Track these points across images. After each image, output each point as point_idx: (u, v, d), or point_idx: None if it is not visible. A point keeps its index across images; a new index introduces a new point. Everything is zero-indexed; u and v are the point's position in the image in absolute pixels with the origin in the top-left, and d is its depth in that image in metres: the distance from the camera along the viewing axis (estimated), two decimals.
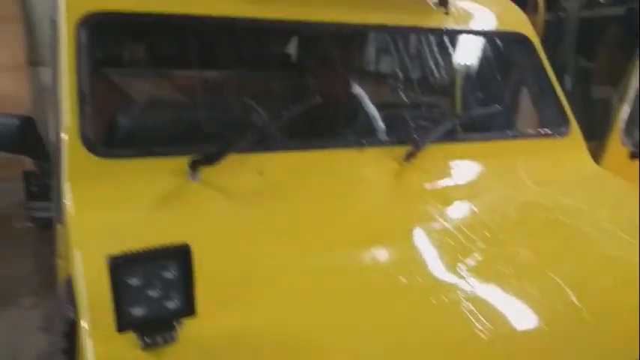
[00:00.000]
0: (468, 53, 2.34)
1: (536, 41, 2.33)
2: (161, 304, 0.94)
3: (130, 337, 0.96)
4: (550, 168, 2.04)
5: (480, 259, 1.37)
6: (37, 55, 7.49)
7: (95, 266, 1.05)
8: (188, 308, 0.96)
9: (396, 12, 2.06)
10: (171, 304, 0.94)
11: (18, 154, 1.98)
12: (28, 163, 2.60)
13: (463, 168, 1.93)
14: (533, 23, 2.57)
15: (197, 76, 1.82)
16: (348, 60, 1.98)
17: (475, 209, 1.69)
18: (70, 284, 1.19)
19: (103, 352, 0.96)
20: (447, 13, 2.17)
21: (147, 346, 0.96)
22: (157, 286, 0.92)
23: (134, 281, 0.90)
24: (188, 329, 0.99)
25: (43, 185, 5.61)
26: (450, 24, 2.18)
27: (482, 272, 1.32)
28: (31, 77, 7.40)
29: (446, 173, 1.89)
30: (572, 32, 4.72)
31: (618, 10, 5.33)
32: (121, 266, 0.89)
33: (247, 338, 1.05)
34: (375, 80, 2.23)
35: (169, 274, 0.93)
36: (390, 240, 1.51)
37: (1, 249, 5.05)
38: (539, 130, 2.21)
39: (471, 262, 1.36)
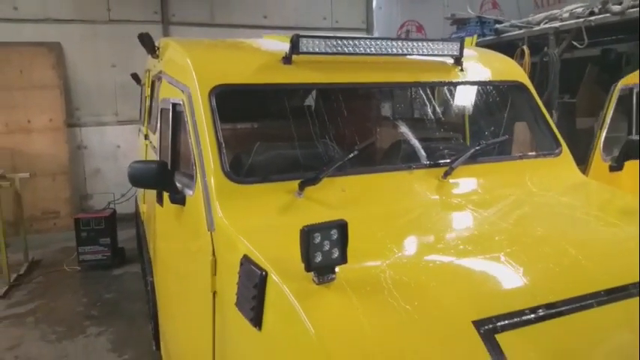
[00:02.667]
0: (479, 98, 3.07)
1: (530, 86, 3.08)
2: (329, 255, 1.59)
3: (306, 277, 1.60)
4: (549, 179, 2.73)
5: (505, 232, 2.04)
6: (72, 117, 8.32)
7: (263, 246, 1.74)
8: (343, 259, 1.61)
9: (427, 71, 2.82)
10: (334, 256, 1.59)
11: (156, 189, 2.67)
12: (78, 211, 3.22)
13: (485, 181, 2.62)
14: (521, 66, 3.29)
15: (293, 126, 2.54)
16: (395, 109, 2.71)
17: (498, 206, 2.36)
18: (247, 258, 1.83)
19: (293, 287, 1.60)
20: (462, 70, 2.92)
21: (320, 283, 1.60)
22: (327, 244, 1.58)
23: (317, 238, 1.56)
24: (341, 272, 1.64)
25: (91, 231, 6.27)
26: (464, 78, 2.93)
27: (511, 241, 1.98)
28: (67, 137, 8.20)
29: (473, 185, 2.58)
30: (556, 73, 5.46)
31: (595, 52, 6.16)
32: (310, 231, 1.55)
33: (371, 279, 1.68)
34: (414, 122, 2.96)
35: (334, 236, 1.59)
36: (439, 227, 2.18)
37: (58, 289, 5.71)
38: (539, 152, 2.92)
39: (502, 236, 2.02)
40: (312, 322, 1.47)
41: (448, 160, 2.59)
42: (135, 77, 6.14)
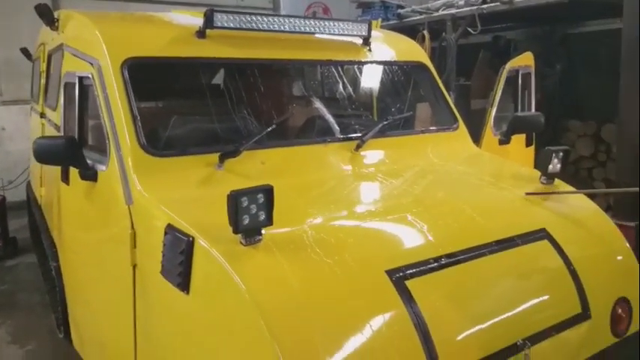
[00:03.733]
0: (385, 77, 3.27)
1: (431, 67, 3.33)
2: (255, 218, 1.67)
3: (232, 241, 1.67)
4: (448, 150, 3.01)
5: (411, 196, 2.25)
6: None
7: (186, 215, 1.80)
8: (269, 221, 1.70)
9: (337, 50, 2.96)
10: (261, 218, 1.68)
11: (65, 165, 2.55)
12: None
13: (392, 152, 2.82)
14: None
15: (210, 100, 2.55)
16: (308, 86, 2.82)
17: (405, 174, 2.58)
18: (171, 227, 1.86)
19: (221, 249, 1.67)
20: (369, 50, 3.09)
21: (247, 244, 1.68)
22: (254, 207, 1.66)
23: (244, 202, 1.63)
24: (266, 235, 1.73)
25: None
26: (372, 57, 3.11)
27: (416, 204, 2.19)
28: None
29: (382, 156, 2.77)
30: (453, 57, 5.89)
31: (487, 38, 6.71)
32: (237, 195, 1.62)
33: (295, 239, 1.79)
34: (326, 99, 3.09)
35: (261, 200, 1.67)
36: (353, 194, 2.34)
37: None
38: (439, 127, 3.19)
39: (408, 199, 2.23)
40: (242, 279, 1.55)
41: (359, 134, 2.76)
42: (25, 52, 5.65)
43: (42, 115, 4.10)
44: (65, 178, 2.80)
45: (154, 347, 2.03)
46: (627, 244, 2.40)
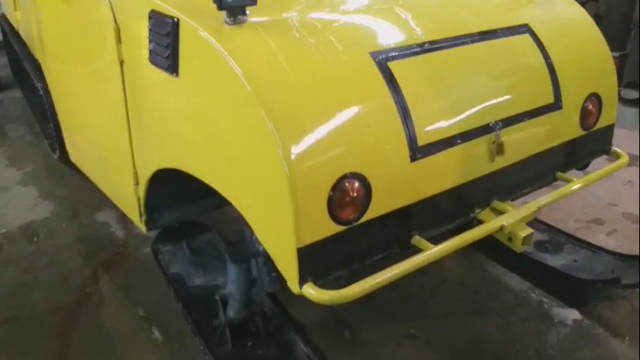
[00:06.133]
0: None
1: None
2: None
3: (217, 20, 1.67)
4: None
5: None
6: None
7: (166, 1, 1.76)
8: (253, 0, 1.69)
9: None
10: None
11: None
12: None
13: None
14: None
15: None
16: None
17: None
18: (154, 12, 1.84)
19: (208, 28, 1.67)
20: None
21: (232, 23, 1.68)
22: None
23: None
24: (252, 17, 1.72)
25: None
26: None
27: None
28: None
29: None
30: None
31: None
32: None
33: (280, 22, 1.80)
34: None
35: None
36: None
37: None
38: None
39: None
40: (229, 53, 1.58)
41: None
42: None
43: None
44: None
45: (148, 137, 2.14)
46: (607, 47, 2.45)
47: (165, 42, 1.78)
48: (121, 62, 2.15)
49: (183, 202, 2.47)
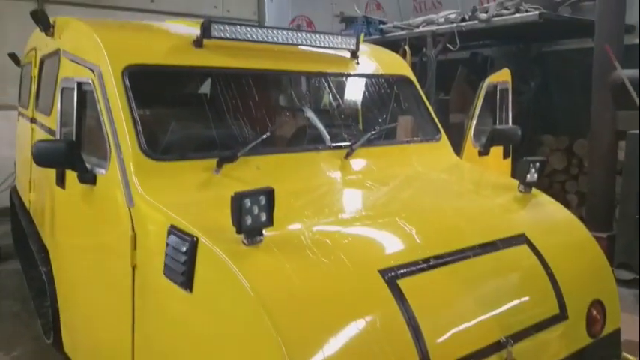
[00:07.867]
0: (372, 89, 3.41)
1: (415, 80, 3.49)
2: (257, 219, 1.77)
3: (235, 241, 1.76)
4: (432, 160, 3.15)
5: (399, 202, 2.39)
6: None
7: (188, 217, 1.88)
8: (270, 222, 1.80)
9: (329, 63, 3.09)
10: (262, 219, 1.78)
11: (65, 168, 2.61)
12: None
13: (380, 161, 2.95)
14: None
15: (207, 108, 2.65)
16: (301, 96, 2.94)
17: (392, 181, 2.71)
18: (174, 228, 1.94)
19: (225, 248, 1.75)
20: (358, 63, 3.23)
21: (249, 244, 1.77)
22: (255, 208, 1.76)
23: (247, 203, 1.73)
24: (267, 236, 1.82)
25: None
26: (361, 70, 3.25)
27: (404, 209, 2.32)
28: None
29: (370, 164, 2.90)
30: (433, 72, 6.10)
31: (465, 55, 6.96)
32: (240, 196, 1.72)
33: (293, 240, 1.89)
34: (318, 109, 3.22)
35: (262, 202, 1.77)
36: (345, 199, 2.46)
37: None
38: (422, 137, 3.33)
39: (397, 205, 2.36)
40: (245, 276, 1.64)
41: (349, 143, 2.88)
42: (13, 57, 5.65)
43: (32, 120, 4.12)
44: (61, 182, 2.84)
45: (154, 348, 2.09)
46: (600, 250, 2.56)
47: (182, 259, 1.85)
48: (134, 267, 2.20)
49: None
